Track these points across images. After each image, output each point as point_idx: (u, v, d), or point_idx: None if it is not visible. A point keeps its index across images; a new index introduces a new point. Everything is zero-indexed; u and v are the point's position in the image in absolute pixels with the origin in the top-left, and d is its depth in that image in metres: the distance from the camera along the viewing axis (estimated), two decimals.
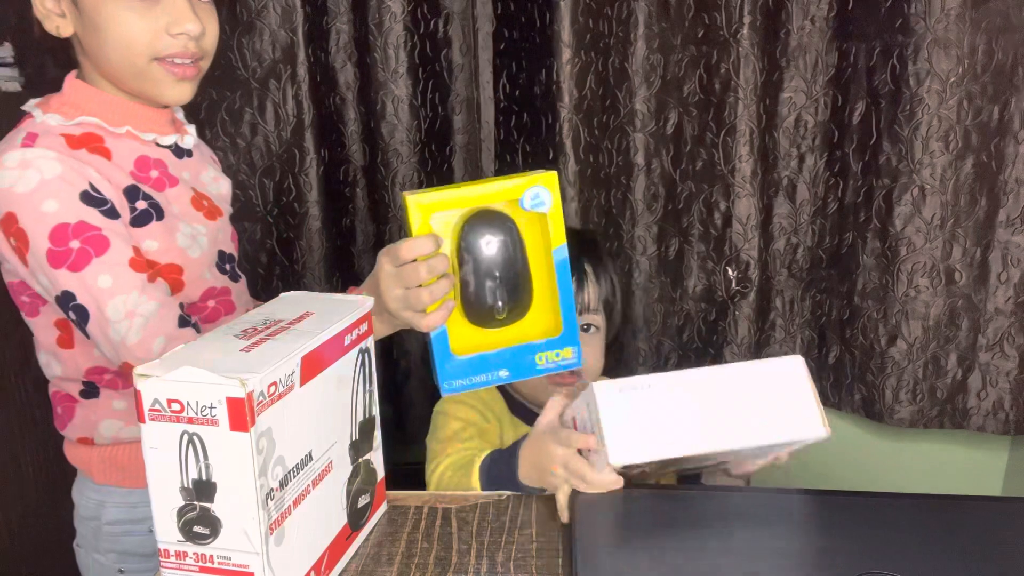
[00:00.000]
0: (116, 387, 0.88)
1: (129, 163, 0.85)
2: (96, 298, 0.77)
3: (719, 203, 1.32)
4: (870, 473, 1.45)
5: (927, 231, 1.25)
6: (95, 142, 0.83)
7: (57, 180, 0.77)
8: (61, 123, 0.82)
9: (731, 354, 1.36)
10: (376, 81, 1.33)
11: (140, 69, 0.82)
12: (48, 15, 0.82)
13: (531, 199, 0.75)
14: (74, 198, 0.77)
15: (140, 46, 0.80)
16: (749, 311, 1.35)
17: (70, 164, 0.78)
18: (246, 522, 0.52)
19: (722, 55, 1.26)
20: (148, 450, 0.53)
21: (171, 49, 0.81)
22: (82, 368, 0.86)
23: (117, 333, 0.77)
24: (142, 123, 0.86)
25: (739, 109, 1.26)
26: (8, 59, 1.36)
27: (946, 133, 1.21)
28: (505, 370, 0.78)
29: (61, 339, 0.86)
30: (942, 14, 1.16)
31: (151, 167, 0.87)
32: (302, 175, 1.35)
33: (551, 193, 0.75)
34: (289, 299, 0.68)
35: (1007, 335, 1.27)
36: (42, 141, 0.79)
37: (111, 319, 0.77)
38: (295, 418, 0.56)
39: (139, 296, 0.78)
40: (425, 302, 0.73)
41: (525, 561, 0.66)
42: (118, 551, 0.92)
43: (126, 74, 0.83)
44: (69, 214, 0.77)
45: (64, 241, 0.76)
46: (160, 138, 0.88)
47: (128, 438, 0.90)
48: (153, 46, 0.80)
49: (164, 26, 0.80)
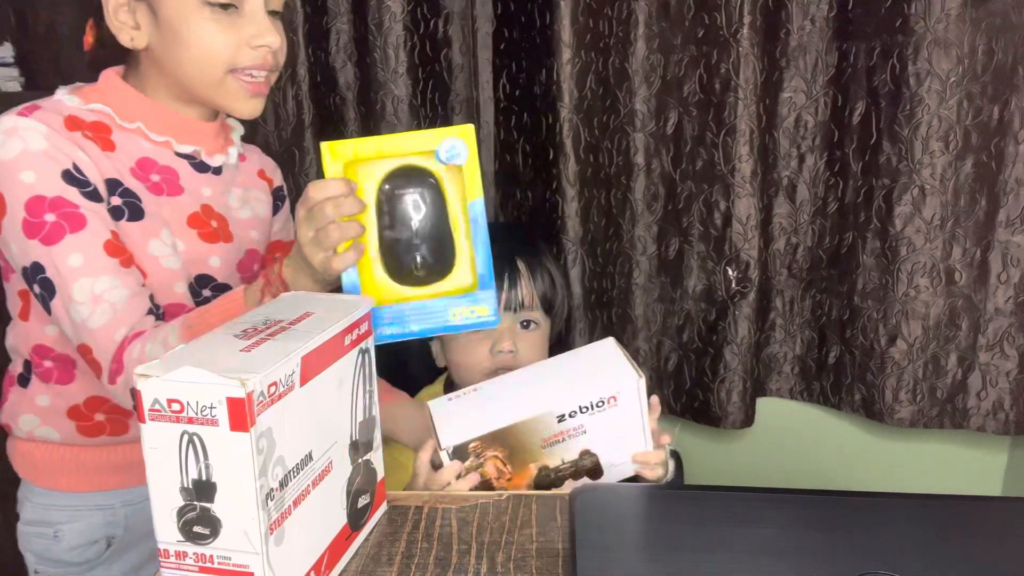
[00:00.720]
0: (48, 379, 0.87)
1: (131, 161, 0.84)
2: (63, 275, 0.76)
3: (719, 203, 1.32)
4: (870, 473, 1.45)
5: (927, 231, 1.25)
6: (101, 131, 0.83)
7: (40, 154, 0.76)
8: (76, 104, 0.82)
9: (731, 354, 1.36)
10: (376, 81, 1.33)
11: (217, 81, 0.82)
12: (122, 28, 0.82)
13: (447, 151, 0.75)
14: (55, 174, 0.77)
15: (221, 58, 0.81)
16: (749, 311, 1.35)
17: (56, 142, 0.78)
18: (246, 522, 0.52)
19: (722, 55, 1.26)
20: (148, 450, 0.53)
21: (250, 61, 0.82)
22: (30, 343, 0.86)
23: (79, 314, 0.77)
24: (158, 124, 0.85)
25: (739, 109, 1.26)
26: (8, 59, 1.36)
27: (946, 133, 1.21)
28: (416, 324, 0.78)
29: (22, 310, 0.86)
30: (942, 14, 1.16)
31: (154, 171, 0.86)
32: (302, 175, 1.35)
33: (467, 145, 0.76)
34: (289, 299, 0.68)
35: (1007, 335, 1.27)
36: (38, 115, 0.78)
37: (75, 299, 0.76)
38: (295, 418, 0.56)
39: (110, 280, 0.77)
40: (334, 239, 0.73)
41: (525, 561, 0.66)
42: (32, 552, 0.93)
43: (203, 86, 0.83)
44: (47, 188, 0.76)
45: (39, 213, 0.76)
46: (176, 144, 0.87)
47: (41, 437, 0.89)
48: (234, 58, 0.81)
49: (246, 39, 0.81)
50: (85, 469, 0.92)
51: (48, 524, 0.91)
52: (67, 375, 0.88)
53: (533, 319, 1.04)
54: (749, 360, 1.37)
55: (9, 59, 1.36)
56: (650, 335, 1.41)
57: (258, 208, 0.97)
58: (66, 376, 0.88)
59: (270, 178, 1.02)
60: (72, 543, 0.91)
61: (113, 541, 0.95)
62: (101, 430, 0.90)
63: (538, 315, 1.05)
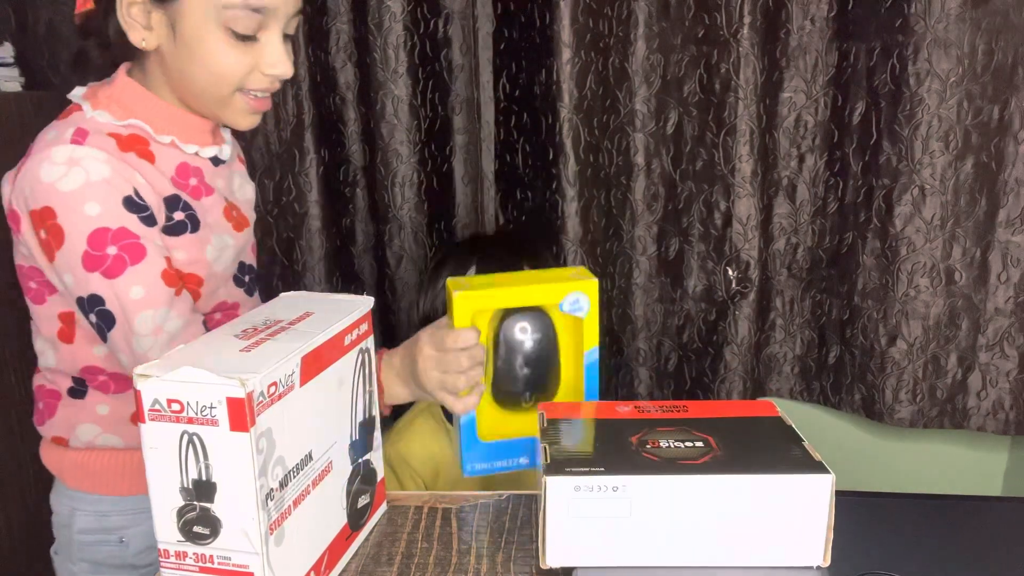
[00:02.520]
0: (107, 390, 0.87)
1: (171, 169, 0.85)
2: (126, 308, 0.77)
3: (719, 203, 1.32)
4: (870, 473, 1.45)
5: (927, 231, 1.25)
6: (141, 145, 0.83)
7: (103, 183, 0.76)
8: (110, 121, 0.81)
9: (731, 354, 1.36)
10: (376, 81, 1.33)
11: (224, 98, 0.83)
12: (133, 25, 0.80)
13: (570, 304, 0.78)
14: (117, 203, 0.77)
15: (231, 79, 0.81)
16: (749, 311, 1.35)
17: (118, 168, 0.78)
18: (246, 522, 0.52)
19: (722, 55, 1.26)
20: (148, 450, 0.53)
21: (259, 84, 0.83)
22: (78, 365, 0.86)
23: (141, 346, 0.77)
24: (186, 134, 0.86)
25: (739, 109, 1.26)
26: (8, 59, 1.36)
27: (946, 133, 1.21)
28: (525, 457, 0.81)
29: (62, 332, 0.85)
30: (942, 14, 1.16)
31: (191, 175, 0.87)
32: (302, 175, 1.35)
33: (589, 300, 0.78)
34: (289, 299, 0.68)
35: (1007, 335, 1.27)
36: (92, 140, 0.78)
37: (138, 332, 0.77)
38: (295, 418, 0.56)
39: (168, 312, 0.78)
40: (461, 387, 0.77)
41: (525, 561, 0.65)
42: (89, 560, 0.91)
43: (207, 99, 0.83)
44: (111, 219, 0.76)
45: (102, 246, 0.76)
46: (201, 150, 0.88)
47: (103, 444, 0.89)
48: (244, 81, 0.82)
49: (259, 65, 0.82)
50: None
51: (110, 531, 0.89)
52: (125, 384, 0.88)
53: None
54: (749, 360, 1.37)
55: (9, 59, 1.35)
56: (650, 335, 1.41)
57: (247, 189, 0.99)
58: (124, 384, 0.88)
59: (243, 158, 1.03)
60: (140, 546, 0.91)
61: None
62: None
63: None
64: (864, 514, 0.67)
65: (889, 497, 0.71)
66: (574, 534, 0.60)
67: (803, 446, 0.62)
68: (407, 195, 1.38)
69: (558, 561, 0.60)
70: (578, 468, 0.59)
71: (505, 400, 0.82)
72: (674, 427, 0.65)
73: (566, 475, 0.59)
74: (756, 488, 0.59)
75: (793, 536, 0.59)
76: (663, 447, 0.62)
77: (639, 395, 1.42)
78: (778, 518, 0.59)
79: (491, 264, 1.03)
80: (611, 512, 0.59)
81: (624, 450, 0.62)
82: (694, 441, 0.63)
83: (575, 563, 0.60)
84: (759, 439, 0.64)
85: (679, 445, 0.62)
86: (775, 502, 0.59)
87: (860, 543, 0.63)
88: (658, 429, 0.65)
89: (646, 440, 0.63)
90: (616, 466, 0.60)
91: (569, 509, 0.59)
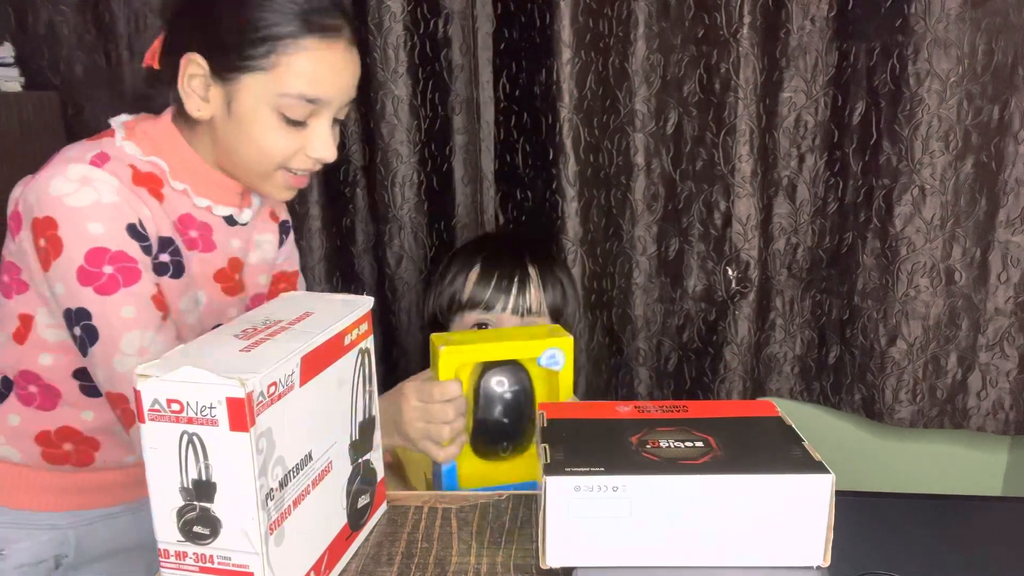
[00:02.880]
0: (29, 402, 0.87)
1: (175, 215, 0.86)
2: (114, 326, 0.78)
3: (719, 203, 1.32)
4: (870, 473, 1.45)
5: (927, 231, 1.25)
6: (154, 184, 0.84)
7: (111, 207, 0.78)
8: (135, 153, 0.83)
9: (731, 354, 1.36)
10: (376, 81, 1.33)
11: (265, 173, 0.85)
12: (191, 96, 0.82)
13: (547, 358, 0.83)
14: (121, 228, 0.79)
15: (276, 159, 0.83)
16: (749, 311, 1.35)
17: (127, 197, 0.80)
18: (246, 522, 0.52)
19: (722, 55, 1.26)
20: (148, 450, 0.53)
21: (302, 165, 0.85)
22: (18, 367, 0.86)
23: (123, 366, 0.78)
24: (205, 188, 0.87)
25: (739, 109, 1.26)
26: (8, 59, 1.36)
27: (946, 133, 1.21)
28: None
29: (17, 332, 0.85)
30: (942, 14, 1.16)
31: (193, 227, 0.88)
32: None
33: (565, 355, 0.83)
34: (289, 299, 0.68)
35: (1007, 335, 1.27)
36: (111, 166, 0.80)
37: (123, 351, 0.78)
38: (295, 418, 0.56)
39: (155, 336, 0.79)
40: (444, 437, 0.80)
41: (525, 561, 0.65)
42: None
43: (249, 172, 0.86)
44: (112, 241, 0.78)
45: (99, 264, 0.77)
46: (215, 207, 0.89)
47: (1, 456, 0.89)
48: (288, 161, 0.84)
49: (304, 147, 0.83)
50: (42, 489, 0.91)
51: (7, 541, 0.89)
52: (50, 402, 0.87)
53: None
54: (749, 360, 1.37)
55: (9, 59, 1.35)
56: (650, 335, 1.41)
57: (266, 250, 0.99)
58: (49, 403, 0.87)
59: (277, 216, 1.03)
60: (18, 561, 0.90)
61: (62, 561, 0.93)
62: (66, 459, 0.90)
63: (545, 322, 1.05)
64: (864, 514, 0.66)
65: (889, 497, 0.71)
66: (574, 534, 0.60)
67: (803, 446, 0.62)
68: (407, 195, 1.38)
69: (558, 561, 0.60)
70: (578, 468, 0.59)
71: (484, 450, 0.86)
72: (674, 427, 0.65)
73: (566, 475, 0.59)
74: (756, 488, 0.59)
75: (793, 536, 0.59)
76: (663, 447, 0.62)
77: (639, 395, 1.42)
78: (778, 518, 0.59)
79: (495, 263, 1.04)
80: (611, 512, 0.59)
81: (624, 450, 0.62)
82: (694, 441, 0.63)
83: (575, 563, 0.60)
84: (759, 439, 0.64)
85: (679, 445, 0.62)
86: (775, 502, 0.59)
87: (860, 543, 0.63)
88: (658, 429, 0.65)
89: (646, 440, 0.63)
90: (616, 466, 0.59)
91: (569, 509, 0.59)
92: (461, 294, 1.04)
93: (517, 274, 1.03)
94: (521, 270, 1.03)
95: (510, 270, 1.03)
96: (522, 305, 1.02)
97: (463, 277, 1.04)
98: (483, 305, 1.02)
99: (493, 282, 1.02)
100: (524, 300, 1.02)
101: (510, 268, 1.03)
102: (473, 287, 1.03)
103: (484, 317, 1.02)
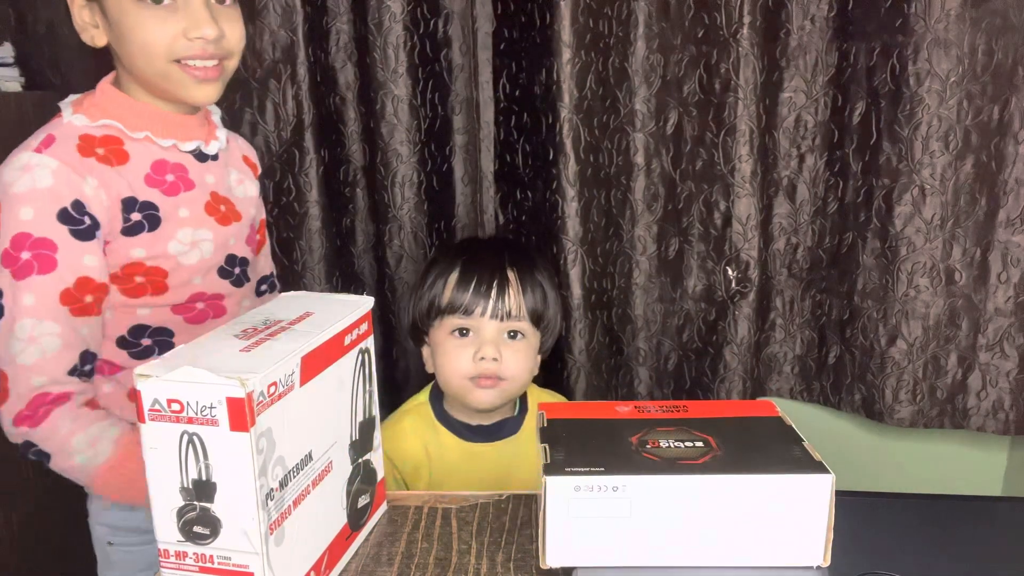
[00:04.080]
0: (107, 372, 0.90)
1: (146, 167, 0.88)
2: (14, 309, 0.80)
3: (719, 203, 1.32)
4: (870, 473, 1.45)
5: (927, 231, 1.25)
6: (114, 144, 0.86)
7: (44, 192, 0.81)
8: (85, 124, 0.86)
9: (731, 354, 1.36)
10: (376, 81, 1.33)
11: (161, 71, 0.85)
12: (85, 27, 0.86)
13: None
14: (51, 214, 0.81)
15: (159, 49, 0.84)
16: (749, 311, 1.35)
17: (65, 177, 0.81)
18: (246, 522, 0.52)
19: (722, 55, 1.26)
20: (148, 450, 0.53)
21: (188, 51, 0.85)
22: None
23: (11, 348, 0.81)
24: (162, 128, 0.89)
25: (739, 109, 1.26)
26: (8, 59, 1.36)
27: (946, 133, 1.21)
28: None
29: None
30: (942, 14, 1.16)
31: (168, 171, 0.90)
32: (302, 175, 1.35)
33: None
34: (289, 299, 0.68)
35: (1007, 335, 1.27)
36: (55, 147, 0.82)
37: (15, 334, 0.81)
38: (295, 418, 0.56)
39: (51, 327, 0.81)
40: None
41: (525, 561, 0.66)
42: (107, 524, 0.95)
43: (151, 77, 0.86)
44: (38, 227, 0.81)
45: (20, 249, 0.80)
46: (180, 144, 0.91)
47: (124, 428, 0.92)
48: (171, 49, 0.84)
49: (182, 31, 0.84)
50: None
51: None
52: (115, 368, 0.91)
53: (520, 330, 1.04)
54: (749, 360, 1.37)
55: (9, 59, 1.35)
56: (650, 335, 1.41)
57: (249, 187, 1.01)
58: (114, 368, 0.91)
59: (254, 164, 1.06)
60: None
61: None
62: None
63: (525, 326, 1.04)
64: (864, 514, 0.67)
65: (889, 497, 0.71)
66: (574, 534, 0.60)
67: (803, 446, 0.62)
68: (407, 195, 1.38)
69: (558, 561, 0.60)
70: (578, 468, 0.59)
71: None
72: (674, 427, 0.65)
73: (566, 475, 0.59)
74: (756, 488, 0.59)
75: (793, 536, 0.59)
76: (663, 447, 0.62)
77: (639, 395, 1.42)
78: (778, 518, 0.59)
79: (475, 268, 1.04)
80: (611, 512, 0.59)
81: (624, 450, 0.62)
82: (694, 441, 0.63)
83: (575, 563, 0.60)
84: (759, 439, 0.64)
85: (679, 445, 0.62)
86: (775, 502, 0.59)
87: (860, 543, 0.63)
88: (658, 429, 0.65)
89: (646, 440, 0.63)
90: (616, 466, 0.60)
91: (569, 509, 0.59)
92: (440, 299, 1.03)
93: (497, 278, 1.03)
94: (500, 274, 1.03)
95: (490, 274, 1.03)
96: (501, 309, 1.02)
97: (442, 282, 1.04)
98: (463, 309, 1.02)
99: (472, 286, 1.02)
100: (503, 304, 1.02)
101: (490, 272, 1.03)
102: (452, 292, 1.03)
103: (464, 322, 1.02)
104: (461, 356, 1.02)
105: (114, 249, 0.85)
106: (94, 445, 0.81)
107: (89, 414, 0.83)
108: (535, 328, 1.06)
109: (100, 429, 0.82)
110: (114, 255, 0.85)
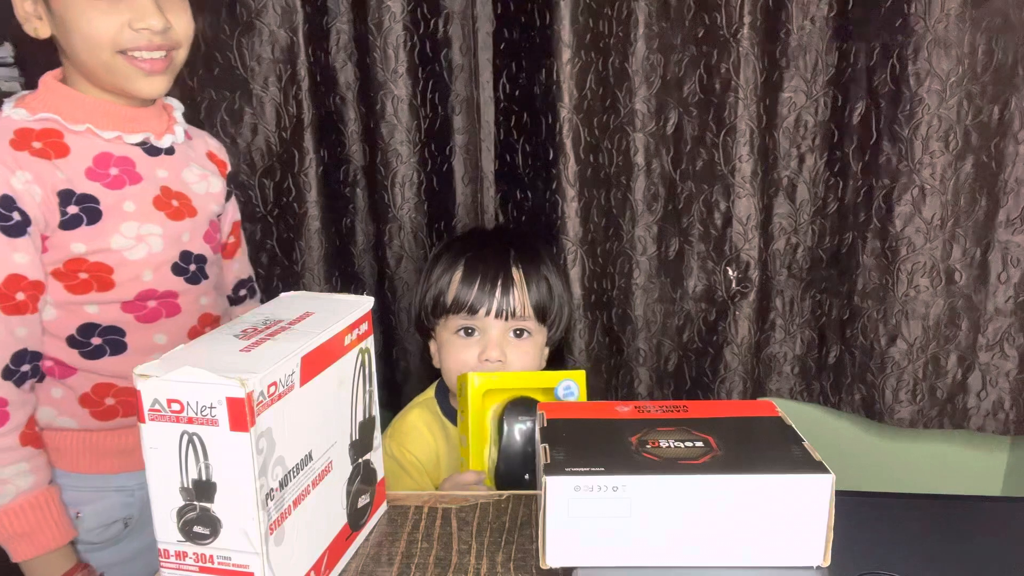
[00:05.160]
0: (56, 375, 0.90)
1: (87, 159, 0.86)
2: None
3: (719, 203, 1.32)
4: (870, 473, 1.45)
5: (927, 231, 1.25)
6: (53, 137, 0.85)
7: None
8: (24, 118, 0.85)
9: (731, 354, 1.36)
10: (376, 81, 1.33)
11: (106, 64, 0.84)
12: (27, 18, 0.85)
13: (564, 390, 0.93)
14: None
15: (104, 40, 0.82)
16: (749, 311, 1.35)
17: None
18: (246, 522, 0.52)
19: (722, 55, 1.26)
20: (148, 450, 0.53)
21: (134, 43, 0.83)
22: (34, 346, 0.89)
23: None
24: (105, 120, 0.88)
25: (739, 109, 1.26)
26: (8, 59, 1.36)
27: (946, 133, 1.21)
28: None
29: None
30: (942, 14, 1.16)
31: (112, 164, 0.88)
32: (302, 175, 1.35)
33: (579, 387, 0.93)
34: (289, 299, 0.68)
35: (1007, 335, 1.27)
36: None
37: None
38: (295, 418, 0.56)
39: None
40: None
41: (525, 561, 0.66)
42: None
43: (97, 70, 0.85)
44: None
45: None
46: (126, 136, 0.89)
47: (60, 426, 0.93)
48: (116, 40, 0.83)
49: (127, 21, 0.82)
50: (104, 452, 0.94)
51: (71, 505, 0.92)
52: (67, 371, 0.90)
53: (526, 328, 1.04)
54: (749, 360, 1.37)
55: (9, 59, 1.35)
56: (650, 335, 1.41)
57: (213, 183, 1.00)
58: (67, 372, 0.90)
59: (222, 161, 1.04)
60: (93, 524, 0.94)
61: (130, 522, 0.97)
62: (114, 413, 0.93)
63: (531, 324, 1.04)
64: (864, 514, 0.67)
65: (889, 497, 0.71)
66: (574, 534, 0.60)
67: (803, 446, 0.62)
68: (407, 195, 1.38)
69: (558, 561, 0.60)
70: (578, 468, 0.59)
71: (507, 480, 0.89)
72: (674, 427, 0.65)
73: (566, 475, 0.59)
74: (756, 488, 0.59)
75: (793, 536, 0.59)
76: (663, 447, 0.62)
77: (639, 395, 1.42)
78: (778, 518, 0.59)
79: (479, 264, 1.03)
80: (611, 512, 0.59)
81: (624, 450, 0.62)
82: (694, 441, 0.63)
83: (575, 563, 0.60)
84: (759, 439, 0.64)
85: (679, 445, 0.62)
86: (775, 502, 0.59)
87: (860, 543, 0.63)
88: (658, 429, 0.65)
89: (646, 440, 0.63)
90: (616, 466, 0.60)
91: (569, 509, 0.59)
92: (445, 297, 1.03)
93: (501, 276, 1.02)
94: (505, 272, 1.03)
95: (494, 272, 1.03)
96: (506, 308, 1.02)
97: (447, 278, 1.04)
98: (467, 308, 1.02)
99: (476, 285, 1.02)
100: (508, 303, 1.02)
101: (494, 270, 1.03)
102: (457, 290, 1.03)
103: (469, 322, 1.02)
104: (466, 356, 1.02)
105: (53, 244, 0.84)
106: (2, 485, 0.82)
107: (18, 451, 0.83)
108: (540, 324, 1.06)
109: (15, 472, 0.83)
110: (54, 250, 0.84)
